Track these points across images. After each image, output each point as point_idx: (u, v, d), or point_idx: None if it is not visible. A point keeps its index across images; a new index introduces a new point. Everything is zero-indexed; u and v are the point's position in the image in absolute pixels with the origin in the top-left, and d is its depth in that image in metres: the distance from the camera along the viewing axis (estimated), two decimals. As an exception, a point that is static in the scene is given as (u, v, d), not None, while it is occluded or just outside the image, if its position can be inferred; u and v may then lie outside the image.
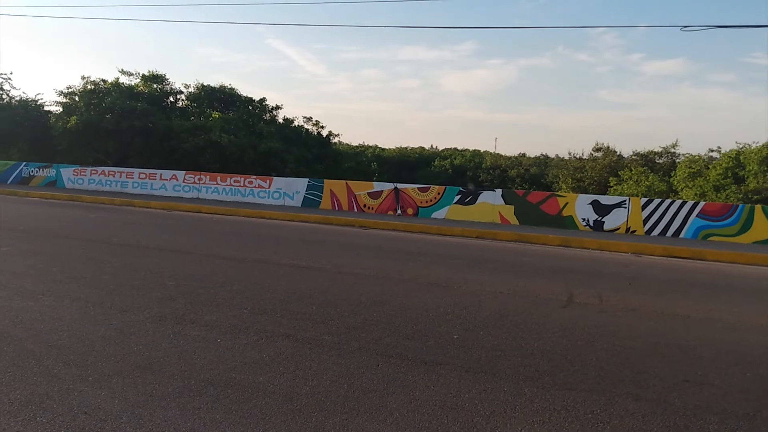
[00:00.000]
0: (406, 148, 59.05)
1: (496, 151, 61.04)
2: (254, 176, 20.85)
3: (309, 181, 19.68)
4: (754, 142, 27.80)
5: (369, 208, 18.17)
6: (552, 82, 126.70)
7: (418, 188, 17.84)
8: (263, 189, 20.06)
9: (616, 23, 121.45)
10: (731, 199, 24.43)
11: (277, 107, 34.76)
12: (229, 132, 28.67)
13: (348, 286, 7.35)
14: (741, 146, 28.14)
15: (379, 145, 59.04)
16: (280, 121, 34.34)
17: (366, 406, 3.69)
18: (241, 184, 20.48)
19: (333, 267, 8.65)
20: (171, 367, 4.21)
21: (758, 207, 14.25)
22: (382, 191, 18.12)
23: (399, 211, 17.72)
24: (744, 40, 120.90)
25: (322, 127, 35.78)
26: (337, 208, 18.65)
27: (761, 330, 6.11)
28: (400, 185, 18.10)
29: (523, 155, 54.03)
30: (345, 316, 5.84)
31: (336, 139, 38.22)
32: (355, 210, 18.30)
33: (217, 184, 20.90)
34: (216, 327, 5.25)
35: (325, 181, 19.49)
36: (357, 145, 56.49)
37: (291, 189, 19.67)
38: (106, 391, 3.72)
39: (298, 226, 14.94)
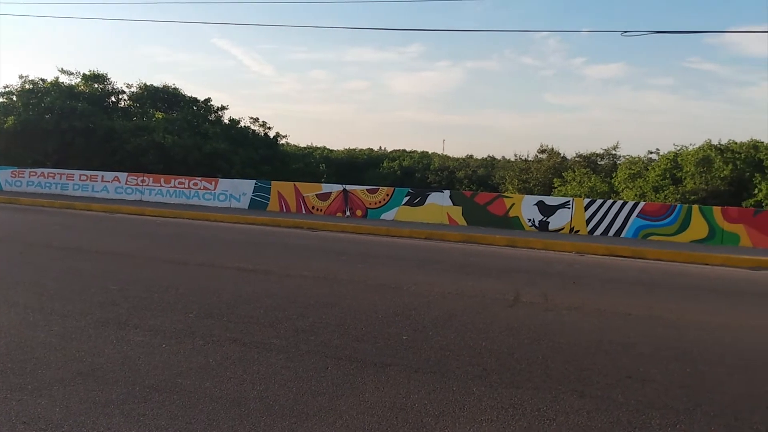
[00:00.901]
0: (354, 149, 58.86)
1: (444, 153, 61.44)
2: (199, 178, 20.54)
3: (256, 183, 19.46)
4: (690, 144, 28.86)
5: (317, 209, 18.09)
6: (498, 85, 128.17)
7: (367, 189, 17.86)
8: (209, 191, 19.75)
9: (559, 28, 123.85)
10: (669, 199, 25.24)
11: (223, 107, 34.26)
12: (173, 133, 28.14)
13: (296, 288, 7.31)
14: (678, 148, 29.15)
15: (328, 147, 58.69)
16: (226, 121, 33.82)
17: (315, 409, 3.66)
18: (186, 186, 20.12)
19: (280, 269, 8.58)
20: (114, 373, 4.10)
21: (695, 207, 14.76)
22: (331, 193, 18.08)
23: (348, 213, 17.70)
24: (681, 45, 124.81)
25: (269, 128, 35.40)
26: (284, 210, 18.50)
27: (699, 327, 6.32)
28: (348, 187, 18.08)
29: (471, 157, 54.55)
30: (293, 319, 5.80)
31: (283, 140, 37.83)
32: (304, 212, 18.20)
33: (161, 185, 20.49)
34: (160, 332, 5.14)
35: (273, 182, 19.32)
36: (305, 146, 55.98)
37: (237, 191, 19.42)
38: (46, 399, 3.60)
39: (244, 228, 14.76)
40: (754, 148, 26.24)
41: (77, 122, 26.98)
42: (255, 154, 31.74)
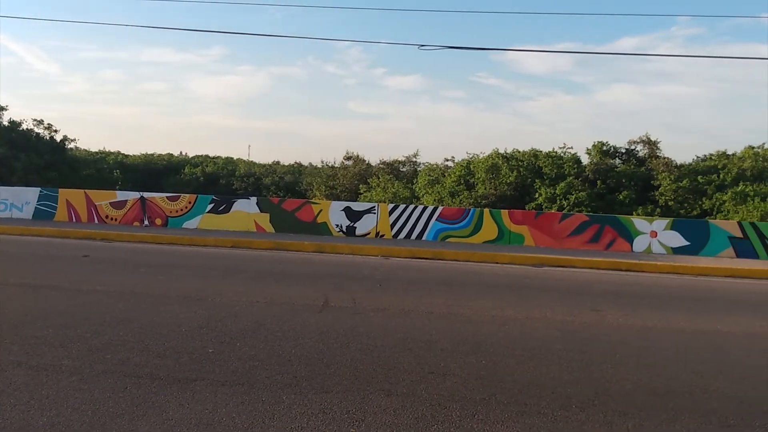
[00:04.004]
0: (152, 154, 55.94)
1: (250, 159, 60.57)
2: (-27, 186, 18.36)
3: (41, 191, 17.80)
4: (481, 153, 31.28)
5: (112, 219, 16.95)
6: (304, 92, 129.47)
7: (167, 197, 17.06)
8: (-15, 200, 17.73)
9: (360, 38, 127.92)
10: (464, 203, 27.04)
11: (2, 108, 31.04)
12: (-60, 135, 24.98)
13: (89, 304, 6.77)
14: (471, 156, 31.44)
15: (122, 151, 55.32)
16: (6, 123, 30.68)
17: (113, 433, 3.41)
18: (-43, 195, 17.90)
19: (71, 285, 7.90)
20: None
21: (486, 210, 15.93)
22: (127, 201, 17.02)
23: (146, 222, 16.78)
24: (471, 61, 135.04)
25: (56, 130, 32.64)
26: (74, 219, 17.11)
27: (492, 321, 6.80)
28: (146, 194, 17.14)
29: (278, 163, 54.47)
30: (87, 337, 5.37)
31: (72, 145, 35.12)
32: (96, 221, 16.95)
33: (-75, 195, 18.03)
34: (-76, 362, 4.50)
35: (60, 190, 17.78)
36: (97, 150, 52.32)
37: (19, 199, 17.63)
38: None
39: (29, 240, 13.43)
40: (534, 157, 29.05)
41: None
42: (39, 159, 29.11)
